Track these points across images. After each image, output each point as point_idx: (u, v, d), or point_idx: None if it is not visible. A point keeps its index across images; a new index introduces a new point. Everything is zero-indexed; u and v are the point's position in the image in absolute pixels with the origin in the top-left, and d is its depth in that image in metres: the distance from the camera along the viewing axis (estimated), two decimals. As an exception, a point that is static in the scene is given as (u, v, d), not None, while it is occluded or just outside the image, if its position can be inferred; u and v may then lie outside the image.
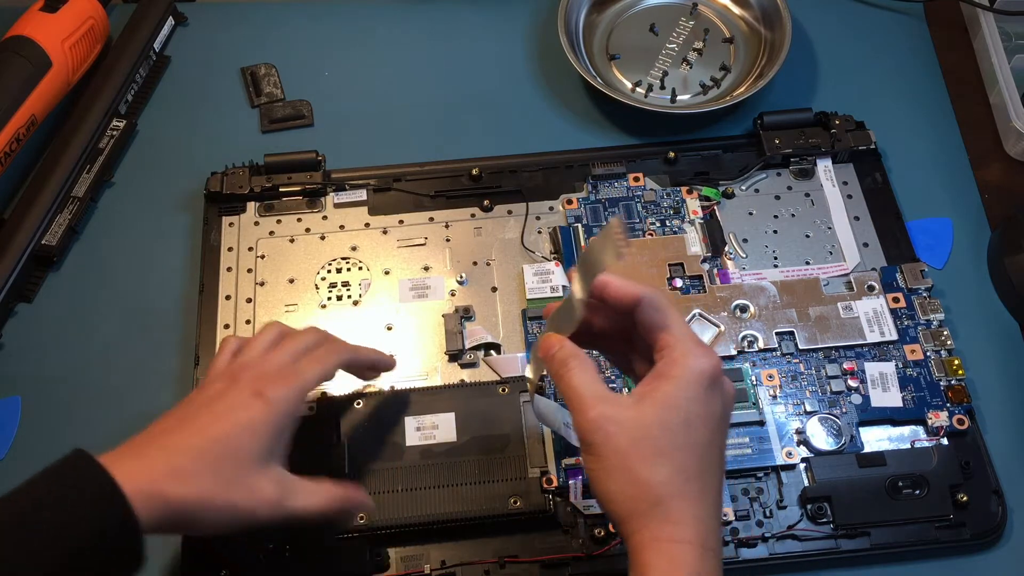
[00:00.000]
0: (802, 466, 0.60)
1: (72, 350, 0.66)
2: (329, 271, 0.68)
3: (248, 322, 0.66)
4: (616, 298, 0.49)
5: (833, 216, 0.70)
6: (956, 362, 0.62)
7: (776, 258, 0.68)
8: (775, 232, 0.69)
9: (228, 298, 0.67)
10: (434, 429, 0.60)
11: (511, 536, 0.58)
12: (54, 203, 0.70)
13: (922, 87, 0.77)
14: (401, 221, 0.70)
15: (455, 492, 0.58)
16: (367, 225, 0.70)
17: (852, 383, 0.62)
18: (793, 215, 0.70)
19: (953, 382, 0.62)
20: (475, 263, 0.68)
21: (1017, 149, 0.73)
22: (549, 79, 0.79)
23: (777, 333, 0.64)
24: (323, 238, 0.69)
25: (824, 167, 0.72)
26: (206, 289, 0.67)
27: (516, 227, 0.70)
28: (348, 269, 0.68)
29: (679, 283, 0.66)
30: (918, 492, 0.58)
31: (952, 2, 0.81)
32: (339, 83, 0.79)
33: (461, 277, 0.68)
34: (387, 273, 0.68)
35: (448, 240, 0.69)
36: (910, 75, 0.78)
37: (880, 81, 0.78)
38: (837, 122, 0.72)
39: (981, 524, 0.58)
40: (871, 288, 0.66)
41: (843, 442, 0.60)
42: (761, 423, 0.61)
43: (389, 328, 0.66)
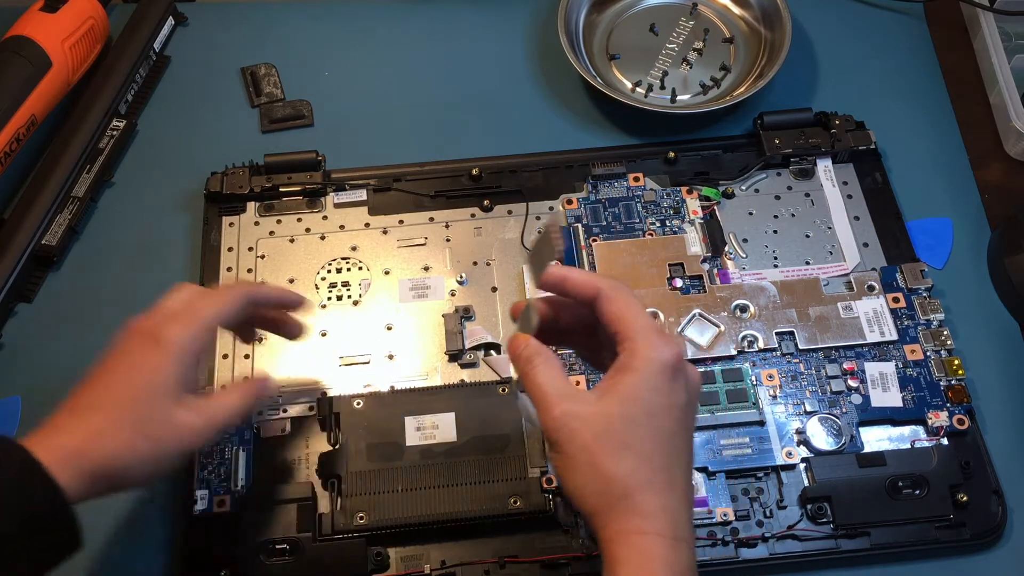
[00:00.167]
0: (802, 466, 0.60)
1: (72, 350, 0.66)
2: (329, 271, 0.68)
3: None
4: (576, 292, 0.49)
5: (833, 216, 0.70)
6: (956, 362, 0.62)
7: (776, 258, 0.68)
8: (775, 232, 0.69)
9: (228, 298, 0.67)
10: (434, 429, 0.60)
11: (511, 536, 0.58)
12: (54, 203, 0.70)
13: (922, 87, 0.77)
14: (401, 221, 0.70)
15: (455, 492, 0.58)
16: (367, 225, 0.70)
17: (852, 383, 0.62)
18: (793, 215, 0.70)
19: (953, 382, 0.62)
20: (475, 263, 0.68)
21: (1017, 149, 0.73)
22: (549, 79, 0.79)
23: (777, 333, 0.64)
24: (323, 238, 0.69)
25: (824, 167, 0.72)
26: (206, 289, 0.67)
27: (516, 227, 0.70)
28: (348, 269, 0.68)
29: (679, 283, 0.66)
30: (918, 492, 0.58)
31: (952, 2, 0.81)
32: (339, 83, 0.79)
33: (461, 277, 0.68)
34: (387, 273, 0.68)
35: (448, 240, 0.69)
36: (910, 75, 0.78)
37: (880, 81, 0.78)
38: (837, 122, 0.72)
39: (981, 524, 0.58)
40: (871, 288, 0.66)
41: (843, 442, 0.60)
42: (761, 423, 0.61)
43: (389, 328, 0.66)
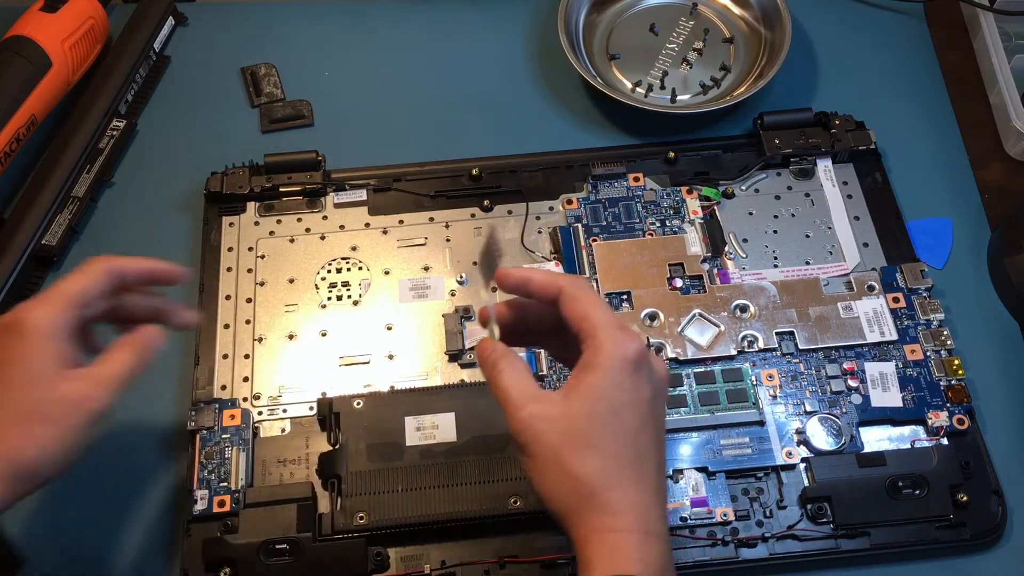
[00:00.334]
0: (802, 466, 0.60)
1: (72, 350, 0.66)
2: (329, 271, 0.68)
3: (248, 322, 0.66)
4: (539, 293, 0.49)
5: (833, 216, 0.70)
6: (956, 362, 0.62)
7: (776, 258, 0.68)
8: (775, 232, 0.69)
9: (228, 298, 0.67)
10: (434, 429, 0.60)
11: (511, 536, 0.58)
12: (54, 203, 0.70)
13: (922, 87, 0.77)
14: (401, 221, 0.70)
15: (455, 492, 0.58)
16: (367, 225, 0.70)
17: (852, 383, 0.62)
18: (793, 215, 0.70)
19: (953, 382, 0.62)
20: (475, 263, 0.68)
21: (1017, 149, 0.73)
22: (549, 79, 0.79)
23: (777, 333, 0.64)
24: (323, 238, 0.69)
25: (824, 167, 0.72)
26: (206, 289, 0.67)
27: (516, 227, 0.70)
28: (348, 269, 0.68)
29: (679, 283, 0.66)
30: (918, 492, 0.58)
31: (952, 2, 0.81)
32: (339, 83, 0.79)
33: (461, 277, 0.68)
34: (387, 273, 0.68)
35: (448, 240, 0.69)
36: (910, 75, 0.78)
37: (880, 81, 0.78)
38: (837, 122, 0.72)
39: (981, 524, 0.58)
40: (871, 288, 0.66)
41: (843, 442, 0.60)
42: (761, 423, 0.61)
43: (389, 328, 0.66)
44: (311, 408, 0.62)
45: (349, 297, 0.67)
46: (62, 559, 0.58)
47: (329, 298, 0.67)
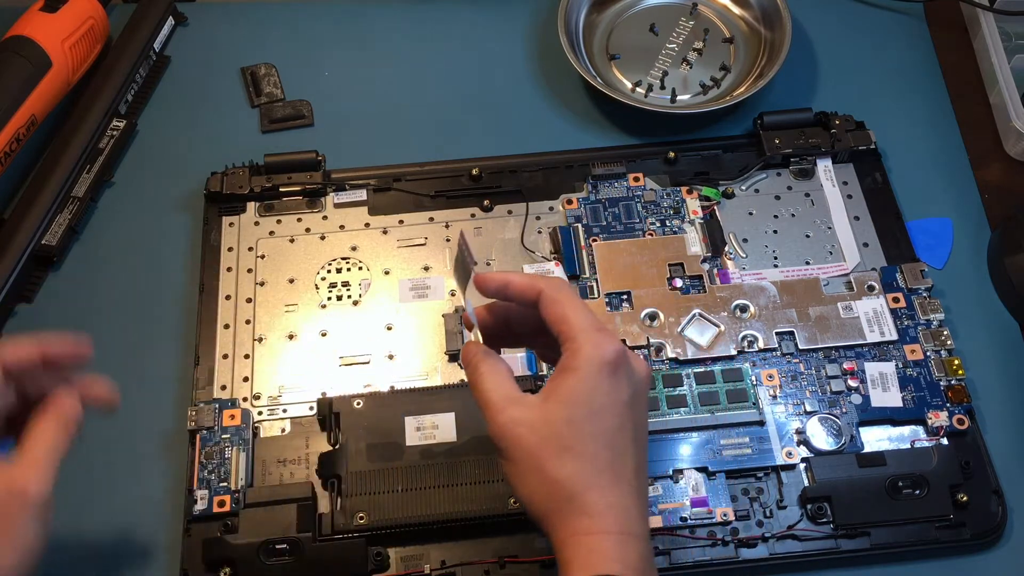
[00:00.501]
0: (802, 466, 0.60)
1: (72, 350, 0.66)
2: (329, 271, 0.68)
3: (248, 322, 0.66)
4: (519, 296, 0.49)
5: (833, 216, 0.70)
6: (956, 362, 0.62)
7: (776, 258, 0.68)
8: (775, 232, 0.69)
9: (228, 298, 0.67)
10: (434, 429, 0.60)
11: (511, 536, 0.58)
12: (54, 203, 0.70)
13: (922, 87, 0.77)
14: (401, 221, 0.70)
15: (455, 492, 0.57)
16: (367, 225, 0.70)
17: (852, 383, 0.62)
18: (793, 215, 0.70)
19: (953, 382, 0.62)
20: (475, 263, 0.68)
21: (1017, 149, 0.73)
22: (549, 79, 0.79)
23: (777, 333, 0.64)
24: (323, 238, 0.69)
25: (824, 167, 0.72)
26: (206, 289, 0.67)
27: (516, 227, 0.70)
28: (348, 269, 0.68)
29: (679, 283, 0.66)
30: (918, 492, 0.58)
31: (952, 2, 0.81)
32: (339, 83, 0.79)
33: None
34: (387, 273, 0.68)
35: (448, 240, 0.69)
36: (910, 75, 0.78)
37: (880, 81, 0.78)
38: (837, 122, 0.72)
39: (981, 524, 0.58)
40: (871, 288, 0.66)
41: (843, 442, 0.60)
42: (761, 423, 0.61)
43: (389, 328, 0.66)
44: (311, 408, 0.62)
45: (349, 297, 0.67)
46: (62, 559, 0.58)
47: (329, 298, 0.67)
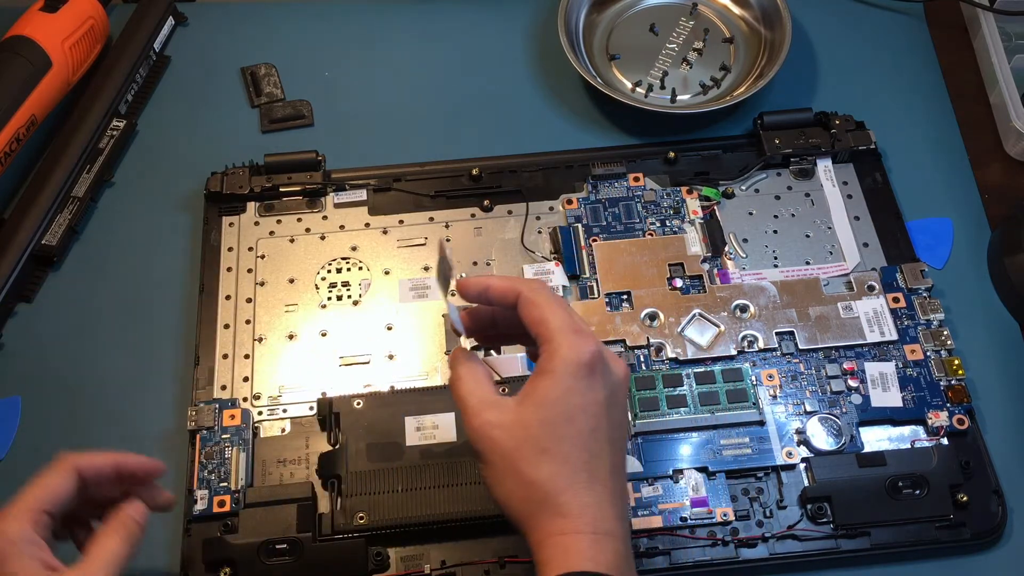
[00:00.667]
0: (802, 466, 0.60)
1: (72, 350, 0.66)
2: (329, 271, 0.68)
3: (248, 322, 0.66)
4: (499, 299, 0.50)
5: (833, 216, 0.70)
6: (956, 362, 0.62)
7: (776, 258, 0.68)
8: (775, 232, 0.69)
9: (228, 298, 0.67)
10: (434, 429, 0.60)
11: (511, 536, 0.57)
12: (54, 203, 0.70)
13: (922, 87, 0.77)
14: (401, 221, 0.70)
15: (455, 492, 0.57)
16: (367, 225, 0.70)
17: (852, 383, 0.62)
18: (793, 215, 0.70)
19: (953, 382, 0.62)
20: (475, 263, 0.68)
21: (1017, 149, 0.73)
22: (549, 79, 0.79)
23: (777, 333, 0.64)
24: (323, 238, 0.69)
25: (824, 167, 0.72)
26: (206, 289, 0.67)
27: (516, 227, 0.70)
28: (348, 269, 0.68)
29: (679, 283, 0.66)
30: (918, 492, 0.58)
31: (952, 2, 0.81)
32: (339, 83, 0.79)
33: (461, 277, 0.67)
34: (387, 273, 0.68)
35: (448, 240, 0.69)
36: (910, 75, 0.78)
37: (880, 81, 0.78)
38: (837, 122, 0.72)
39: (981, 524, 0.58)
40: (871, 288, 0.66)
41: (843, 442, 0.60)
42: (761, 423, 0.61)
43: (389, 328, 0.66)
44: (311, 408, 0.62)
45: (349, 297, 0.67)
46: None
47: (329, 298, 0.67)
